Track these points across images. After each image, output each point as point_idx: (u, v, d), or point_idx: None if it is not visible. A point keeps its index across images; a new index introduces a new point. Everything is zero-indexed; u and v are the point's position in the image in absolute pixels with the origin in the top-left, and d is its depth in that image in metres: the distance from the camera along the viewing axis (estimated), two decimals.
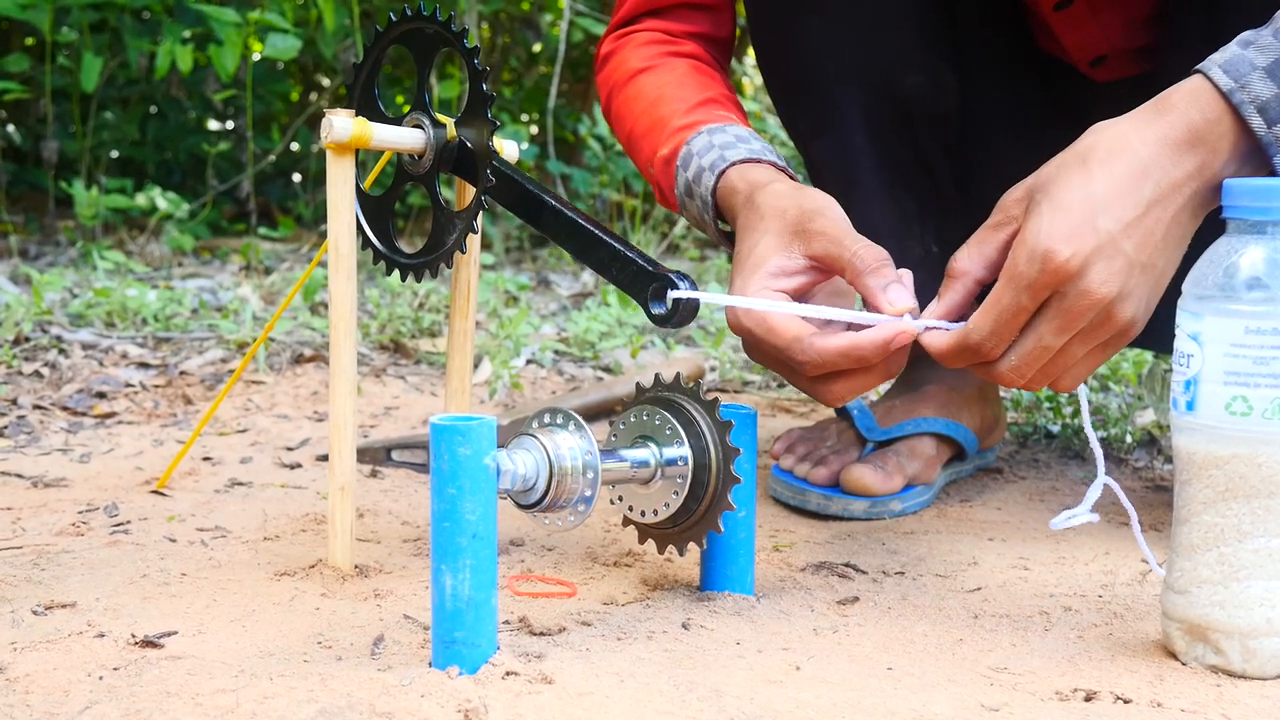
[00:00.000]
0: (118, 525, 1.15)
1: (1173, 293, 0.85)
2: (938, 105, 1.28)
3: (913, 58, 1.25)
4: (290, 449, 1.47)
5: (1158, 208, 0.86)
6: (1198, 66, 0.87)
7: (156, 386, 1.77)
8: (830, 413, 1.48)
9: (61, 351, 1.92)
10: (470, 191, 1.02)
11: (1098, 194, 0.85)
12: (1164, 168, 0.86)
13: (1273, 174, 0.86)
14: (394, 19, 1.03)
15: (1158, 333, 0.94)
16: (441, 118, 1.01)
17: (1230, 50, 0.87)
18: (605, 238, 0.95)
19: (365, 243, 1.06)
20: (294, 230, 3.61)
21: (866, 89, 1.23)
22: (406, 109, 1.02)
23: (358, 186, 1.05)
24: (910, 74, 1.25)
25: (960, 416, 1.33)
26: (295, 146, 3.95)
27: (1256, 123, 0.85)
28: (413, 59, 1.03)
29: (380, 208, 1.06)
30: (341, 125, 0.96)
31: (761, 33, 1.29)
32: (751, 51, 1.41)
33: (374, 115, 1.02)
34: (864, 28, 1.23)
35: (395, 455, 1.37)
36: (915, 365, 1.41)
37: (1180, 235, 0.89)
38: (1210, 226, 0.86)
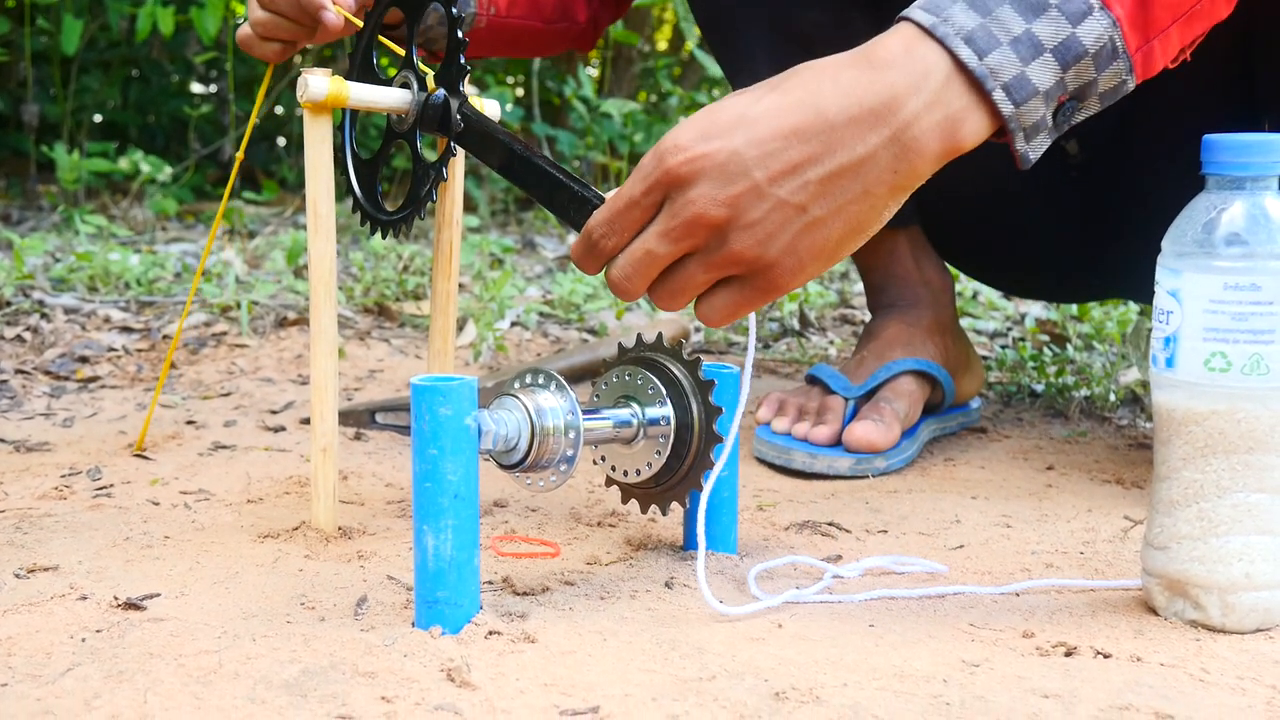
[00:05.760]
0: (100, 489, 1.14)
1: (1154, 246, 0.85)
2: (844, 43, 1.29)
3: None
4: (274, 412, 1.47)
5: (828, 152, 0.77)
6: (901, 14, 0.80)
7: (139, 350, 1.76)
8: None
9: (44, 316, 1.91)
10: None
11: (752, 114, 0.77)
12: (847, 108, 0.76)
13: (993, 114, 0.78)
14: None
15: (1137, 284, 0.93)
16: (424, 68, 1.00)
17: None
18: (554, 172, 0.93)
19: (354, 203, 1.05)
20: (278, 194, 3.59)
21: (769, 27, 1.26)
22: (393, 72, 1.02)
23: (352, 146, 1.05)
24: (808, 10, 1.25)
25: (922, 351, 1.36)
26: (280, 110, 3.93)
27: (965, 54, 0.76)
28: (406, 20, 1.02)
29: (371, 167, 1.06)
30: (317, 84, 0.95)
31: None
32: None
33: (374, 81, 1.02)
34: None
35: (379, 418, 1.36)
36: (875, 315, 1.42)
37: (862, 192, 0.78)
38: (1189, 183, 0.85)
